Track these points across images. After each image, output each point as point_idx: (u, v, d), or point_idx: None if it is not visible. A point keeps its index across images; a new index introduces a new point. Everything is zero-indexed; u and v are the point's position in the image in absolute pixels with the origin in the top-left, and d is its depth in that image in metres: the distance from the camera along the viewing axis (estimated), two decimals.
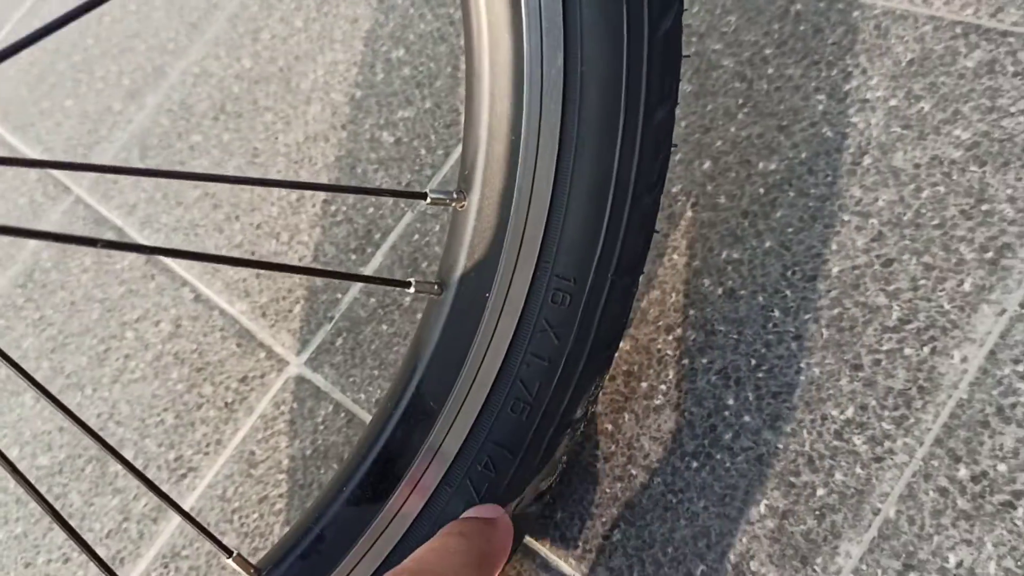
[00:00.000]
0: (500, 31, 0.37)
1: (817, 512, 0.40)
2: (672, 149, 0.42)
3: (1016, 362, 0.39)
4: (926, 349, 0.41)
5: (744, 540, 0.41)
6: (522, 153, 0.38)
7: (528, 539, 0.46)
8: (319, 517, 0.41)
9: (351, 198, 0.62)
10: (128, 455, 0.60)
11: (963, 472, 0.38)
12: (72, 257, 0.72)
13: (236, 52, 0.74)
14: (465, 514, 0.40)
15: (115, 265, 0.69)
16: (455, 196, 0.39)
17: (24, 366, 0.69)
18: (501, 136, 0.38)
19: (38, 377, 0.67)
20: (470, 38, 0.38)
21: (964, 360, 0.40)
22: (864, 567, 0.38)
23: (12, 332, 0.71)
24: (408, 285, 0.40)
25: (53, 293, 0.71)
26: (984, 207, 0.42)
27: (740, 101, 0.51)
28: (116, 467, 0.60)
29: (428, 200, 0.39)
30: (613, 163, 0.38)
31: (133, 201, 0.71)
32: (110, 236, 0.71)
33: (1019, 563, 0.36)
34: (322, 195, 0.63)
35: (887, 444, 0.40)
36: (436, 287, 0.41)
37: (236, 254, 0.64)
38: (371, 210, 0.60)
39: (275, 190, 0.65)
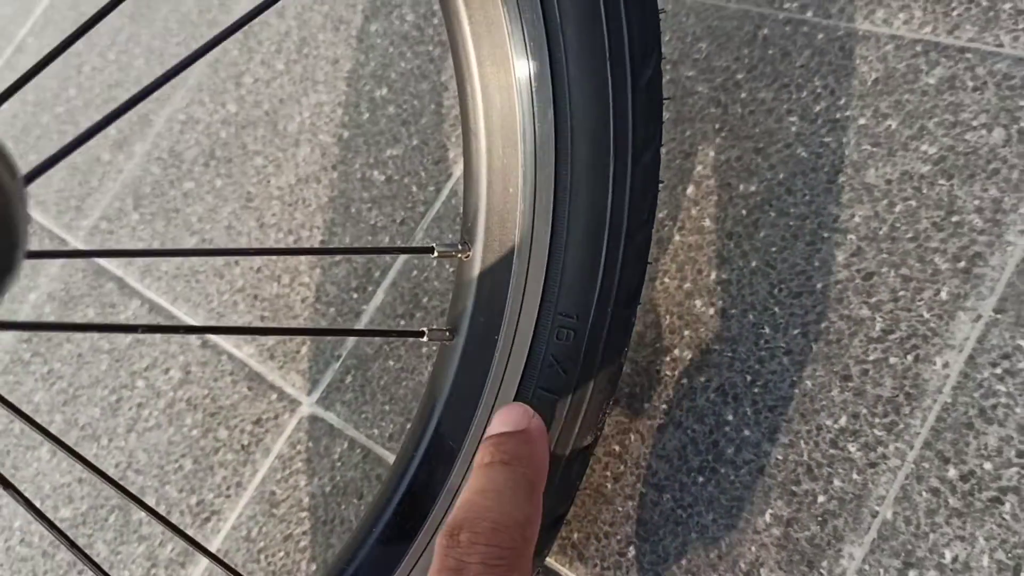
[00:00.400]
0: (492, 92, 0.39)
1: (819, 518, 0.43)
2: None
3: (994, 365, 0.42)
4: (910, 357, 0.44)
5: (753, 549, 0.44)
6: (520, 204, 0.40)
7: (548, 560, 0.48)
8: (351, 559, 0.43)
9: (348, 237, 0.64)
10: (150, 503, 0.62)
11: (952, 472, 0.41)
12: (75, 309, 0.73)
13: (220, 97, 0.76)
14: (492, 426, 0.39)
15: (119, 315, 0.71)
16: (460, 247, 0.42)
17: (37, 420, 0.70)
18: (499, 189, 0.41)
19: (52, 431, 0.69)
20: (464, 99, 0.40)
21: (946, 366, 0.43)
22: (867, 567, 0.41)
23: (22, 387, 0.72)
24: (422, 335, 0.42)
25: (59, 346, 0.72)
26: (954, 218, 0.45)
27: (717, 126, 0.54)
28: (140, 515, 0.62)
29: (436, 254, 0.41)
30: (606, 206, 0.41)
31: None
32: (111, 287, 0.72)
33: (1010, 555, 0.39)
34: (319, 235, 0.65)
35: (880, 450, 0.43)
36: (448, 333, 0.43)
37: (238, 298, 0.66)
38: None
39: (272, 234, 0.67)
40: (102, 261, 0.74)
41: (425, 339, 0.42)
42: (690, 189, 0.53)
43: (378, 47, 0.70)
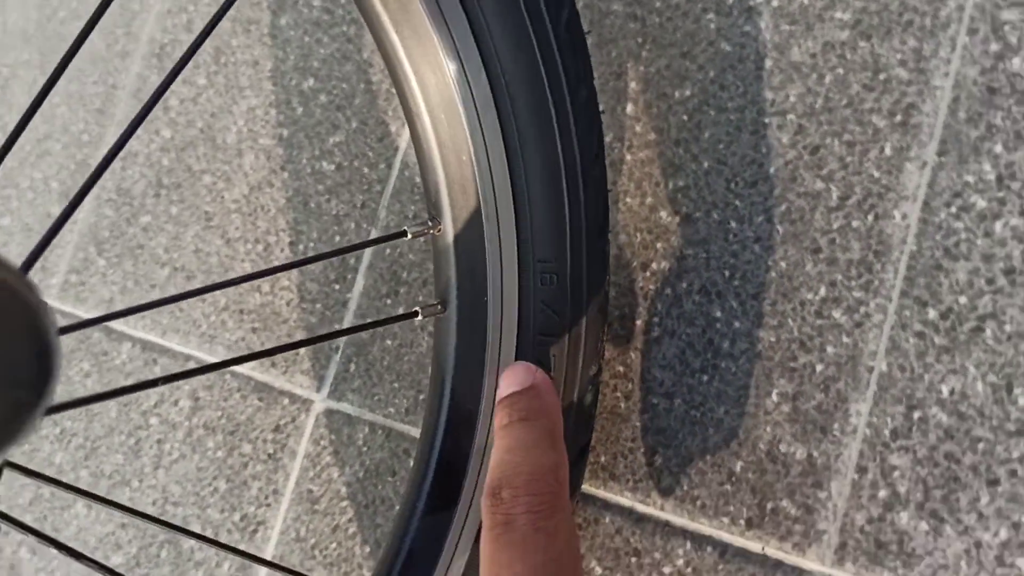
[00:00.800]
0: (424, 71, 0.41)
1: (821, 386, 0.46)
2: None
3: (948, 205, 0.44)
4: (870, 217, 0.46)
5: (768, 429, 0.47)
6: (476, 168, 0.42)
7: (584, 487, 0.51)
8: (403, 536, 0.46)
9: (314, 232, 0.65)
10: (195, 529, 0.64)
11: (932, 313, 0.44)
12: (70, 366, 0.74)
13: (152, 125, 0.76)
14: (501, 388, 0.42)
15: (114, 361, 0.72)
16: (430, 224, 0.43)
17: (63, 480, 0.72)
18: (453, 160, 0.42)
19: (81, 486, 0.71)
20: (399, 85, 0.41)
21: (905, 217, 0.45)
22: (874, 419, 0.44)
23: (40, 453, 0.74)
24: (416, 315, 0.44)
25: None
26: (882, 76, 0.47)
27: (639, 40, 0.55)
28: (190, 543, 0.64)
29: (409, 236, 0.43)
30: (556, 147, 0.42)
31: (108, 296, 0.74)
32: (98, 336, 0.73)
33: (1000, 375, 0.42)
34: (287, 237, 0.66)
35: (862, 309, 0.45)
36: (439, 307, 0.45)
37: (225, 317, 0.67)
38: (337, 239, 0.64)
39: (240, 248, 0.68)
40: (80, 312, 0.75)
41: (420, 318, 0.44)
42: (629, 107, 0.54)
43: (293, 39, 0.70)
